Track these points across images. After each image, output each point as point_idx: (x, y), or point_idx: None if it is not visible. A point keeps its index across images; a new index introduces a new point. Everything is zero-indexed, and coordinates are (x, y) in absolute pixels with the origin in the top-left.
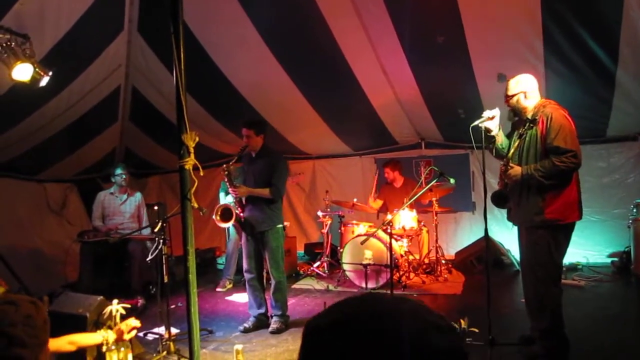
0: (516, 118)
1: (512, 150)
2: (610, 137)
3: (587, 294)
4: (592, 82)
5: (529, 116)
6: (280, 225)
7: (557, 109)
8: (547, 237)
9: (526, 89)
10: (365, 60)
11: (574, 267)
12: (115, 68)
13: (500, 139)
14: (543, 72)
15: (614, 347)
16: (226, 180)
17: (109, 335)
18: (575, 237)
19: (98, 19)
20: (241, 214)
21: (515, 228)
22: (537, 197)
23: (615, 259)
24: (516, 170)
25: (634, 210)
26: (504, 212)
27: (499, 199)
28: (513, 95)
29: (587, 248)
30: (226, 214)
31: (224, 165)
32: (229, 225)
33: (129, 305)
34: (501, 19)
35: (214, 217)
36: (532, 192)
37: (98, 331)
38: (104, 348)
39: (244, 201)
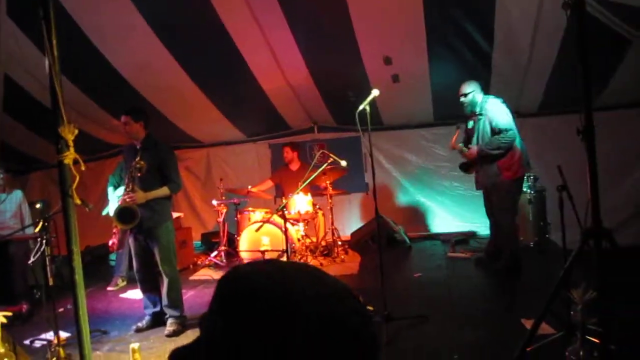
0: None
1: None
2: None
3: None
4: (471, 64)
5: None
6: (170, 222)
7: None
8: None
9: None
10: (254, 44)
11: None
12: None
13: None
14: (426, 55)
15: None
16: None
17: None
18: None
19: None
20: None
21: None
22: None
23: None
24: (472, 150)
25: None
26: (395, 190)
27: (467, 167)
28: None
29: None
30: (123, 215)
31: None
32: (134, 224)
33: (10, 313)
34: (385, 3)
35: (113, 225)
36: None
37: None
38: None
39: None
